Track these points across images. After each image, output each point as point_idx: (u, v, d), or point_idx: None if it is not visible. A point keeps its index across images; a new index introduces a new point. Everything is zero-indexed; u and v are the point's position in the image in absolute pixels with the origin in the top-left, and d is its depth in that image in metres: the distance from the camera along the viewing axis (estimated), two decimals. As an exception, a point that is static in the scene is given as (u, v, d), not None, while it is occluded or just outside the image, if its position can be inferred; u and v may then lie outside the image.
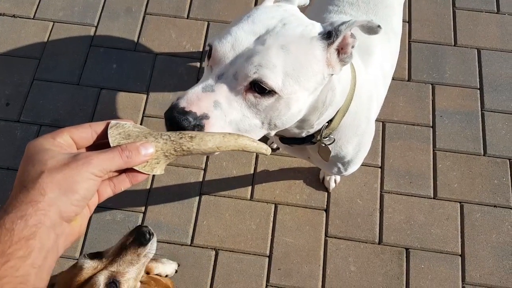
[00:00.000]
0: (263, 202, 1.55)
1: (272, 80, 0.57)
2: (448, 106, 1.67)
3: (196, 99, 0.57)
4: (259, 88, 0.58)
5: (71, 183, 0.43)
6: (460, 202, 1.53)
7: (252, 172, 1.59)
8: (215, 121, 0.57)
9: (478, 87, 1.70)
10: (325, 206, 1.54)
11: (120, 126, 0.50)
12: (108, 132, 0.49)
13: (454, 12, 1.83)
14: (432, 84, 1.71)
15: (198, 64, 1.77)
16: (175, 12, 1.86)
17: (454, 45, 1.78)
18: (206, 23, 1.84)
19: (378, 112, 0.99)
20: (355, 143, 0.92)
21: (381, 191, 1.55)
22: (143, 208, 1.54)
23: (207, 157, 1.61)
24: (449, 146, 1.61)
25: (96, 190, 0.46)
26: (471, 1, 1.85)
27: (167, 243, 1.49)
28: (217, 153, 0.53)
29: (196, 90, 0.58)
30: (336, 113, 0.79)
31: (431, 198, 1.54)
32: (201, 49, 1.79)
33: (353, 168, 1.02)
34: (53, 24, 1.83)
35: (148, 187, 1.56)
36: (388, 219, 1.52)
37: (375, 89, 0.94)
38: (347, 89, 0.77)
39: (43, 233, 0.41)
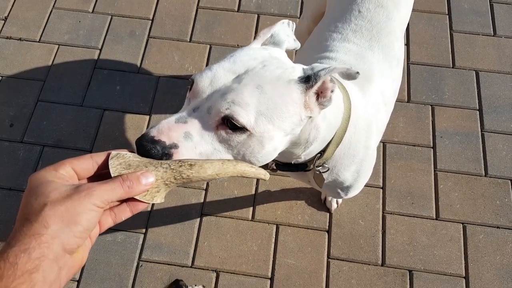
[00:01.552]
0: (264, 223, 1.54)
1: (243, 117, 0.58)
2: (448, 127, 1.68)
3: (167, 129, 0.58)
4: (231, 124, 0.59)
5: (74, 215, 0.43)
6: (462, 223, 1.52)
7: (253, 192, 1.58)
8: (184, 151, 0.58)
9: (478, 108, 1.72)
10: (327, 227, 1.53)
11: (120, 156, 0.51)
12: (109, 162, 0.50)
13: (451, 35, 1.87)
14: (431, 105, 1.73)
15: (200, 86, 1.79)
16: (178, 36, 1.90)
17: (453, 67, 1.80)
18: (208, 46, 1.87)
19: (379, 139, 0.99)
20: (353, 170, 0.91)
21: (383, 212, 1.55)
22: (143, 229, 1.53)
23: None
24: (450, 167, 1.61)
25: (98, 221, 0.47)
26: (467, 24, 1.89)
27: (168, 264, 1.48)
28: (217, 179, 0.56)
29: (168, 121, 0.59)
30: (329, 143, 0.79)
31: (434, 219, 1.53)
32: (203, 71, 1.82)
33: (353, 192, 1.01)
34: (58, 47, 1.87)
35: (149, 208, 1.56)
36: (391, 240, 1.50)
37: (375, 116, 0.93)
38: (337, 123, 0.77)
39: (46, 266, 0.41)
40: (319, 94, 0.65)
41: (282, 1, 1.97)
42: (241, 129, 0.59)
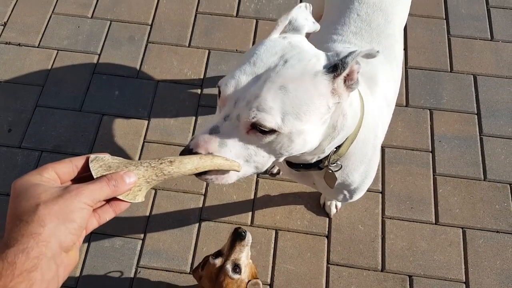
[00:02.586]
0: (263, 228, 1.53)
1: (270, 121, 0.61)
2: (447, 131, 1.68)
3: (203, 142, 0.63)
4: (259, 128, 0.62)
5: (67, 213, 0.45)
6: (462, 228, 1.52)
7: (252, 197, 1.58)
8: None
9: (476, 112, 1.72)
10: (326, 232, 1.53)
11: (99, 159, 0.52)
12: (90, 165, 0.51)
13: (449, 40, 1.88)
14: (430, 110, 1.73)
15: (199, 91, 1.79)
16: (176, 41, 1.90)
17: (450, 71, 1.81)
18: (207, 51, 1.88)
19: (383, 139, 1.00)
20: (362, 170, 0.93)
21: (382, 217, 1.54)
22: (142, 235, 1.52)
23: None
24: (449, 171, 1.61)
25: (88, 219, 0.48)
26: (465, 29, 1.90)
27: (166, 270, 1.47)
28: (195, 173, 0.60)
29: (203, 133, 0.64)
30: (345, 140, 0.79)
31: (433, 224, 1.53)
32: (202, 76, 1.82)
33: (358, 195, 1.01)
34: (57, 52, 1.88)
35: (148, 213, 1.55)
36: (390, 245, 1.50)
37: (381, 116, 0.95)
38: (358, 114, 0.78)
39: (44, 265, 0.42)
40: (346, 78, 0.64)
41: (281, 6, 1.98)
42: (270, 131, 0.62)
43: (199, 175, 0.63)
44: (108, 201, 0.52)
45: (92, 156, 0.52)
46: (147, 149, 1.67)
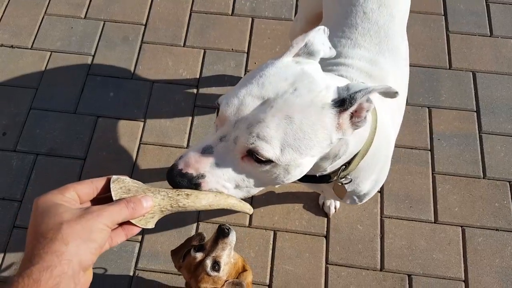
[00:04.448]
0: (261, 229, 1.52)
1: (268, 151, 0.58)
2: (446, 129, 1.67)
3: (194, 161, 0.60)
4: (255, 156, 0.59)
5: (89, 233, 0.46)
6: (461, 226, 1.51)
7: (250, 197, 1.57)
8: (210, 179, 0.60)
9: (475, 109, 1.71)
10: (325, 232, 1.52)
11: (121, 180, 0.54)
12: (111, 186, 0.53)
13: (447, 36, 1.86)
14: (428, 108, 1.71)
15: (195, 91, 1.77)
16: (171, 41, 1.88)
17: (449, 68, 1.79)
18: (203, 51, 1.86)
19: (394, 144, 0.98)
20: (373, 179, 0.91)
21: (381, 216, 1.53)
22: (139, 238, 1.51)
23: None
24: (448, 170, 1.60)
25: (106, 240, 0.49)
26: (464, 25, 1.88)
27: (164, 273, 1.46)
28: (208, 210, 0.59)
29: (195, 153, 0.61)
30: (355, 156, 0.77)
31: (432, 223, 1.52)
32: (197, 76, 1.80)
33: (367, 198, 1.00)
34: (51, 54, 1.85)
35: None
36: (389, 244, 1.49)
37: (393, 123, 0.93)
38: (365, 137, 0.75)
39: (65, 283, 0.43)
40: (353, 114, 0.61)
41: (276, 4, 1.95)
42: (267, 161, 0.59)
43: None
44: (121, 224, 0.53)
45: (114, 177, 0.54)
46: (143, 151, 1.66)
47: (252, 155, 0.59)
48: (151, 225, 0.54)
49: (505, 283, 1.42)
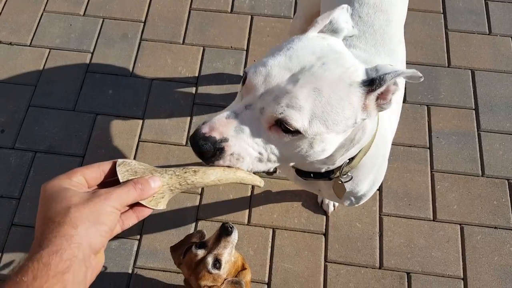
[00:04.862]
0: (260, 227, 1.52)
1: (297, 121, 0.57)
2: (444, 127, 1.67)
3: (218, 124, 0.59)
4: (283, 126, 0.58)
5: (98, 216, 0.46)
6: (460, 224, 1.51)
7: (249, 195, 1.57)
8: (233, 142, 0.59)
9: (473, 107, 1.71)
10: (324, 230, 1.52)
11: (126, 163, 0.54)
12: (117, 169, 0.52)
13: (446, 34, 1.86)
14: (427, 106, 1.71)
15: (193, 89, 1.77)
16: (170, 38, 1.88)
17: (448, 67, 1.79)
18: (202, 48, 1.85)
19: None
20: (370, 179, 0.91)
21: (380, 214, 1.53)
22: (138, 236, 1.51)
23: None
24: (446, 167, 1.60)
25: (116, 223, 0.49)
26: (463, 23, 1.88)
27: (163, 271, 1.46)
28: (218, 185, 0.58)
29: (220, 117, 0.60)
30: (359, 152, 0.77)
31: (431, 221, 1.52)
32: (196, 74, 1.80)
33: (364, 200, 1.00)
34: (50, 51, 1.85)
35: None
36: (388, 242, 1.49)
37: (391, 124, 0.94)
38: (375, 129, 0.75)
39: (76, 267, 0.43)
40: (379, 96, 0.62)
41: (276, 2, 1.95)
42: (294, 131, 0.58)
43: (211, 160, 0.60)
44: (131, 207, 0.53)
45: (119, 160, 0.54)
46: (142, 148, 1.65)
47: (280, 125, 0.58)
48: (162, 205, 0.54)
49: (504, 281, 1.43)
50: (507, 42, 1.83)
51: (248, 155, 0.61)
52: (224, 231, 1.07)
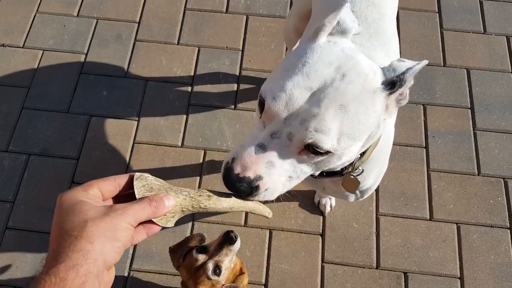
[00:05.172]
0: (257, 228, 1.52)
1: (327, 143, 0.57)
2: (440, 126, 1.67)
3: (249, 163, 0.59)
4: (313, 149, 0.58)
5: (113, 231, 0.46)
6: (456, 223, 1.51)
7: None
8: (267, 179, 0.60)
9: (469, 106, 1.71)
10: (320, 231, 1.51)
11: (143, 178, 0.54)
12: (134, 183, 0.53)
13: (442, 33, 1.86)
14: (423, 105, 1.71)
15: (189, 89, 1.76)
16: (165, 39, 1.86)
17: (443, 66, 1.79)
18: (197, 48, 1.84)
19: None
20: (376, 172, 0.92)
21: (376, 214, 1.53)
22: (134, 238, 1.50)
23: (199, 181, 1.58)
24: (443, 167, 1.60)
25: (130, 239, 0.49)
26: (458, 22, 1.88)
27: (159, 273, 1.45)
28: (228, 212, 0.59)
29: (249, 153, 0.60)
30: (369, 146, 0.77)
31: (427, 220, 1.52)
32: (192, 74, 1.79)
33: (369, 193, 1.01)
34: (43, 52, 1.83)
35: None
36: (385, 242, 1.49)
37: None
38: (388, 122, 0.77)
39: (90, 282, 0.43)
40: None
41: (271, 2, 1.94)
42: (324, 152, 0.59)
43: (247, 199, 0.62)
44: (142, 222, 0.53)
45: (136, 174, 0.54)
46: (137, 150, 1.64)
47: (309, 148, 0.58)
48: (171, 224, 0.54)
49: (500, 280, 1.43)
50: (502, 41, 1.84)
51: (281, 185, 0.62)
52: (228, 240, 1.05)
